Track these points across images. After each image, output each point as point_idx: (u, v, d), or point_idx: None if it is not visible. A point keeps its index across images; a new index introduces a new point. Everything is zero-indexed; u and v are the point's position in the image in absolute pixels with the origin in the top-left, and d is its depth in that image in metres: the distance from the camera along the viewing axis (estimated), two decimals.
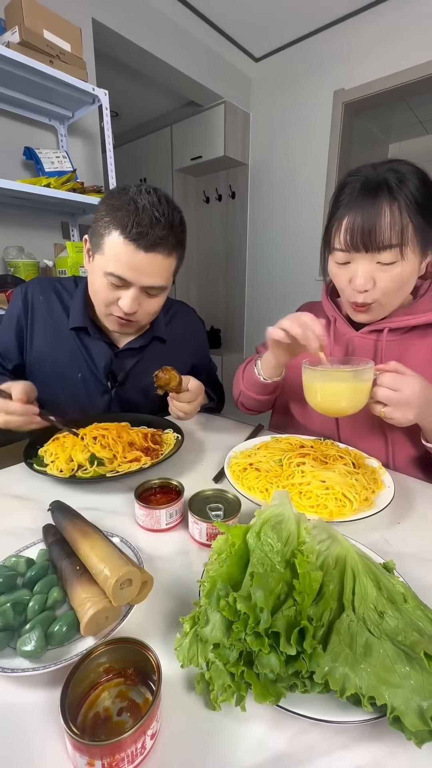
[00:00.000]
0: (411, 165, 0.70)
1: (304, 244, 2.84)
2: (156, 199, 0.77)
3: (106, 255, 0.77)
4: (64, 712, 0.28)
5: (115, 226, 0.75)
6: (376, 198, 0.66)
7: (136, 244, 0.74)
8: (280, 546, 0.38)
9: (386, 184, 0.66)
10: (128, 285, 0.79)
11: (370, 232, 0.66)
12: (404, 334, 0.80)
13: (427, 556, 0.53)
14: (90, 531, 0.47)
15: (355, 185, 0.69)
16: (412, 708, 0.29)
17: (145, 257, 0.76)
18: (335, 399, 0.67)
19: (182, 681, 0.36)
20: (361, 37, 2.36)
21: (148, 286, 0.80)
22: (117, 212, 0.75)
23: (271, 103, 2.89)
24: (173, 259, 0.82)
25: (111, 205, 0.76)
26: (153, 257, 0.77)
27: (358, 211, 0.67)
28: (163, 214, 0.76)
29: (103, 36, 2.05)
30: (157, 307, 0.88)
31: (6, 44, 1.44)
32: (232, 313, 3.52)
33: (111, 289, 0.80)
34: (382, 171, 0.68)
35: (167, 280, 0.83)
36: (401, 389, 0.63)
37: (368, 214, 0.66)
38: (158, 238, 0.75)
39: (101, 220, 0.77)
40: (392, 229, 0.66)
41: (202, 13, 2.33)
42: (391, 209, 0.66)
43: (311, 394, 0.70)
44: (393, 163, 0.70)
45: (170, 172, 3.32)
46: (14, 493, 0.67)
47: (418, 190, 0.66)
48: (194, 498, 0.57)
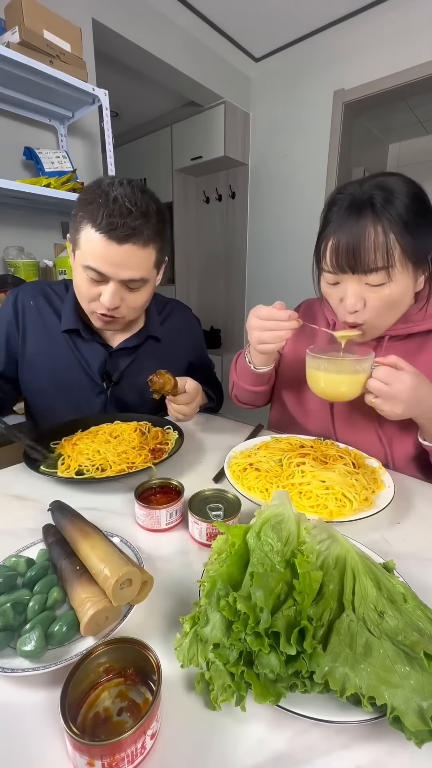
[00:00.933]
0: (402, 179, 0.68)
1: (303, 244, 2.83)
2: (129, 189, 0.75)
3: (82, 250, 0.76)
4: (64, 712, 0.28)
5: (87, 220, 0.74)
6: (360, 218, 0.65)
7: (108, 236, 0.73)
8: (280, 546, 0.38)
9: (371, 204, 0.65)
10: (107, 279, 0.78)
11: (354, 253, 0.65)
12: (403, 341, 0.80)
13: (427, 556, 0.53)
14: (90, 531, 0.47)
15: (342, 203, 0.68)
16: (412, 708, 0.29)
17: (118, 249, 0.74)
18: (336, 385, 0.70)
19: (182, 681, 0.36)
20: (361, 37, 2.35)
21: (127, 279, 0.78)
22: (89, 206, 0.74)
23: (271, 103, 2.89)
24: (151, 251, 0.79)
25: (84, 199, 0.75)
26: (127, 249, 0.74)
27: (343, 232, 0.66)
28: (135, 204, 0.74)
29: (103, 36, 2.05)
30: (141, 302, 0.86)
31: (6, 44, 1.44)
32: (232, 313, 3.52)
33: (91, 285, 0.79)
34: (368, 188, 0.67)
35: (147, 272, 0.81)
36: (392, 384, 0.64)
37: (352, 236, 0.65)
38: (130, 228, 0.73)
39: (76, 216, 0.77)
40: (377, 251, 0.64)
41: (202, 13, 2.33)
42: (375, 230, 0.64)
43: (314, 379, 0.74)
44: (382, 178, 0.67)
45: (170, 172, 3.32)
46: (14, 493, 0.67)
47: (405, 207, 0.64)
48: (194, 498, 0.57)
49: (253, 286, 3.33)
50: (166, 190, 3.42)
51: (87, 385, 0.95)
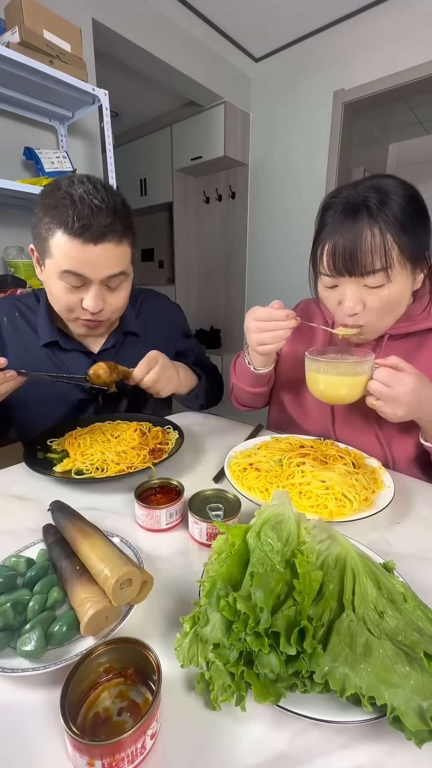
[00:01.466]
0: (396, 180, 0.68)
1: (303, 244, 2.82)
2: (92, 186, 0.72)
3: (55, 257, 0.73)
4: (64, 712, 0.28)
5: (56, 225, 0.71)
6: (356, 221, 0.65)
7: (83, 238, 0.70)
8: (280, 546, 0.38)
9: (366, 206, 0.65)
10: (87, 283, 0.75)
11: (351, 256, 0.65)
12: (403, 340, 0.80)
13: (427, 556, 0.53)
14: (90, 531, 0.47)
15: (338, 207, 0.68)
16: (412, 708, 0.29)
17: (95, 249, 0.72)
18: (336, 387, 0.69)
19: (182, 681, 0.36)
20: (361, 37, 2.36)
21: (108, 277, 0.76)
22: (54, 210, 0.71)
23: (271, 103, 2.89)
24: (125, 246, 0.77)
25: (46, 204, 0.72)
26: (103, 248, 0.72)
27: (339, 236, 0.66)
28: (102, 200, 0.71)
29: (103, 36, 2.05)
30: (123, 300, 0.84)
31: (6, 44, 1.44)
32: (232, 313, 3.52)
33: (71, 292, 0.76)
34: (362, 191, 0.66)
35: (126, 267, 0.79)
36: (393, 386, 0.63)
37: (349, 239, 0.65)
38: (103, 227, 0.71)
39: (41, 223, 0.73)
40: (374, 253, 0.64)
41: (202, 13, 2.33)
42: (371, 232, 0.64)
43: (313, 382, 0.73)
44: (375, 181, 0.67)
45: (170, 172, 3.33)
46: (14, 493, 0.67)
47: (401, 208, 0.64)
48: (194, 498, 0.57)
49: (253, 286, 3.33)
50: (166, 190, 3.42)
51: (76, 397, 0.92)
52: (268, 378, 0.93)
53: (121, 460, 0.72)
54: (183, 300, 3.63)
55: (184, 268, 3.63)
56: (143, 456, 0.73)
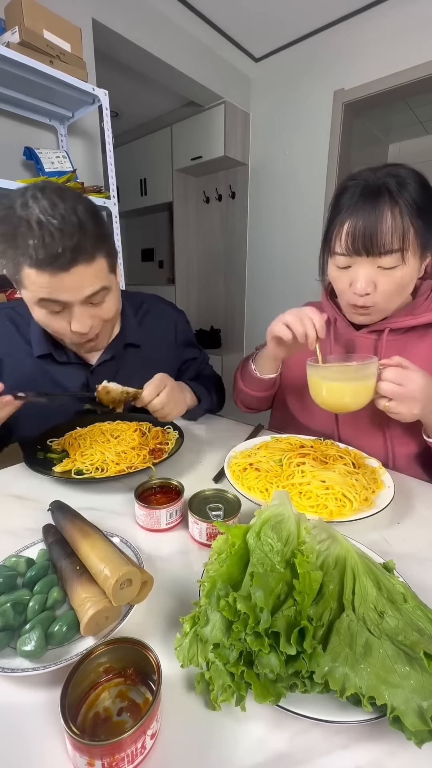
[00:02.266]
0: (409, 168, 0.70)
1: (304, 244, 2.84)
2: (47, 202, 0.63)
3: (29, 288, 0.68)
4: (64, 712, 0.28)
5: (22, 258, 0.64)
6: (378, 202, 0.66)
7: (52, 268, 0.64)
8: (280, 546, 0.38)
9: (387, 189, 0.66)
10: (68, 306, 0.70)
11: (371, 236, 0.66)
12: (404, 334, 0.80)
13: (427, 556, 0.53)
14: (90, 531, 0.47)
15: (356, 190, 0.69)
16: (412, 708, 0.29)
17: (67, 276, 0.66)
18: (340, 395, 0.68)
19: (182, 681, 0.36)
20: (361, 37, 2.35)
21: (89, 295, 0.70)
22: (13, 240, 0.64)
23: (271, 103, 2.89)
24: (100, 259, 0.70)
25: (3, 234, 0.65)
26: (76, 271, 0.66)
27: (360, 216, 0.67)
28: (63, 218, 0.63)
29: (103, 36, 2.05)
30: (112, 311, 0.79)
31: (6, 44, 1.44)
32: (232, 313, 3.52)
33: (55, 317, 0.72)
34: (381, 175, 0.68)
35: (106, 281, 0.73)
36: (405, 383, 0.63)
37: (370, 219, 0.66)
38: (71, 250, 0.64)
39: (4, 256, 0.67)
40: (394, 233, 0.66)
41: (202, 13, 2.33)
42: (392, 213, 0.65)
43: (316, 391, 0.71)
44: (391, 167, 0.70)
45: (170, 172, 3.32)
46: (14, 493, 0.67)
47: (417, 193, 0.67)
48: (194, 498, 0.57)
49: (253, 286, 3.33)
50: (166, 190, 3.42)
51: (73, 409, 0.89)
52: (273, 382, 0.93)
53: (121, 460, 0.72)
54: (183, 300, 3.63)
55: (184, 268, 3.63)
56: (143, 456, 0.73)
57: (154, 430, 0.83)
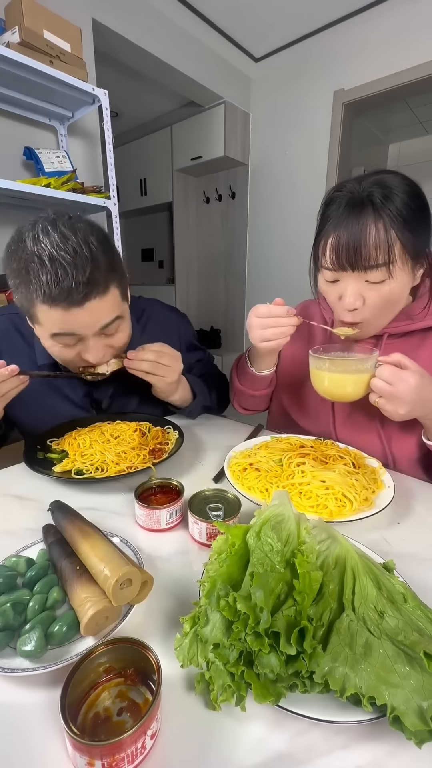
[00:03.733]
0: (399, 176, 0.68)
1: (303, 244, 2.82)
2: (58, 236, 0.63)
3: (43, 324, 0.69)
4: (64, 712, 0.28)
5: (35, 294, 0.64)
6: (361, 215, 0.65)
7: (66, 303, 0.65)
8: (280, 546, 0.38)
9: (371, 201, 0.65)
10: (82, 338, 0.71)
11: (355, 250, 0.65)
12: (403, 339, 0.80)
13: (427, 556, 0.53)
14: (90, 531, 0.47)
15: (341, 201, 0.68)
16: (412, 708, 0.29)
17: (81, 312, 0.66)
18: (342, 385, 0.69)
19: (182, 681, 0.36)
20: (361, 37, 2.35)
21: (102, 327, 0.72)
22: (26, 276, 0.64)
23: (271, 103, 2.89)
24: (113, 290, 0.71)
25: (16, 270, 0.66)
26: (90, 306, 0.67)
27: (344, 229, 0.66)
28: (75, 252, 0.63)
29: (103, 36, 2.05)
30: (125, 338, 0.80)
31: (6, 44, 1.44)
32: (232, 313, 3.52)
33: (68, 350, 0.73)
34: (367, 186, 0.66)
35: (120, 311, 0.74)
36: (395, 384, 0.63)
37: (353, 233, 0.65)
38: (84, 285, 0.64)
39: (17, 291, 0.68)
40: (378, 248, 0.64)
41: (202, 13, 2.33)
42: (376, 227, 0.64)
43: (318, 380, 0.73)
44: (380, 176, 0.67)
45: (170, 172, 3.32)
46: (14, 493, 0.67)
47: (404, 204, 0.64)
48: (194, 498, 0.57)
49: (253, 286, 3.33)
50: (166, 190, 3.42)
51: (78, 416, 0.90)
52: (270, 380, 0.93)
53: (120, 460, 0.72)
54: (183, 300, 3.63)
55: (184, 268, 3.63)
56: (143, 456, 0.73)
57: (154, 430, 0.83)
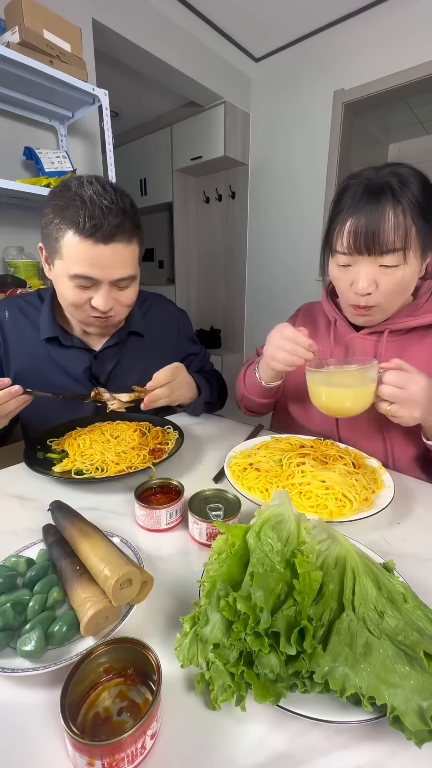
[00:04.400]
0: (411, 168, 0.70)
1: (304, 244, 2.84)
2: (100, 187, 0.73)
3: (65, 258, 0.74)
4: (64, 712, 0.28)
5: (67, 226, 0.72)
6: (380, 201, 0.66)
7: (94, 239, 0.71)
8: (280, 546, 0.38)
9: (389, 187, 0.66)
10: (97, 283, 0.76)
11: (374, 235, 0.66)
12: (404, 335, 0.80)
13: (427, 556, 0.53)
14: (90, 531, 0.47)
15: (358, 188, 0.69)
16: (412, 708, 0.29)
17: (106, 250, 0.73)
18: (340, 400, 0.68)
19: (182, 681, 0.36)
20: (361, 37, 2.36)
21: (117, 278, 0.77)
22: (65, 211, 0.72)
23: (271, 103, 2.89)
24: (134, 246, 0.79)
25: (56, 205, 0.73)
26: (114, 248, 0.74)
27: (362, 214, 0.67)
28: (112, 201, 0.73)
29: (103, 36, 2.05)
30: (133, 298, 0.85)
31: (6, 44, 1.44)
32: (232, 313, 3.52)
33: (80, 292, 0.77)
34: (384, 174, 0.69)
35: (134, 269, 0.81)
36: (407, 387, 0.62)
37: (372, 218, 0.66)
38: (114, 226, 0.72)
39: (51, 224, 0.74)
40: (396, 232, 0.66)
41: (202, 13, 2.33)
42: (395, 212, 0.66)
43: (316, 396, 0.72)
44: (393, 167, 0.70)
45: (170, 172, 3.32)
46: (14, 493, 0.67)
47: (420, 192, 0.67)
48: (194, 498, 0.57)
49: (252, 286, 3.33)
50: (166, 190, 3.42)
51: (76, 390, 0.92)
52: (277, 389, 0.92)
53: (121, 460, 0.72)
54: (183, 300, 3.63)
55: (184, 268, 3.63)
56: (143, 456, 0.73)
57: (154, 430, 0.83)
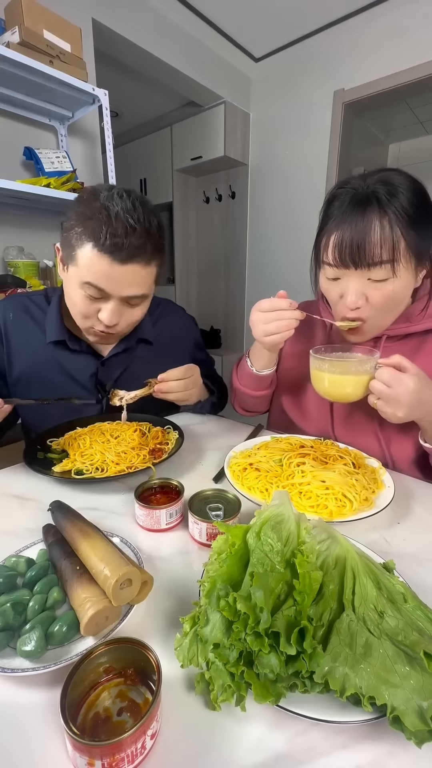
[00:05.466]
0: (404, 175, 0.67)
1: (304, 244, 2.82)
2: (130, 204, 0.71)
3: (80, 267, 0.73)
4: (64, 712, 0.28)
5: (87, 237, 0.70)
6: (366, 212, 0.64)
7: (112, 257, 0.70)
8: (280, 546, 0.38)
9: (376, 198, 0.64)
10: (107, 296, 0.75)
11: (359, 248, 0.64)
12: (401, 342, 0.80)
13: (427, 556, 0.53)
14: (90, 531, 0.47)
15: (345, 198, 0.67)
16: (412, 708, 0.29)
17: (121, 269, 0.72)
18: (340, 386, 0.69)
19: (182, 681, 0.36)
20: (361, 37, 2.35)
21: (128, 296, 0.76)
22: (88, 221, 0.70)
23: (271, 103, 2.89)
24: (153, 267, 0.78)
25: (81, 213, 0.71)
26: (131, 269, 0.72)
27: (347, 226, 0.65)
28: (138, 221, 0.70)
29: (103, 36, 2.05)
30: (139, 317, 0.84)
31: (6, 44, 1.44)
32: (232, 313, 3.52)
33: (89, 302, 0.76)
34: (371, 183, 0.66)
35: (148, 289, 0.79)
36: (394, 386, 0.62)
37: (357, 230, 0.64)
38: (135, 248, 0.71)
39: (72, 230, 0.72)
40: (383, 245, 0.64)
41: (202, 13, 2.33)
42: (381, 224, 0.63)
43: (318, 380, 0.73)
44: (384, 174, 0.67)
45: (170, 172, 3.32)
46: (14, 493, 0.67)
47: (409, 202, 0.64)
48: (194, 498, 0.57)
49: (253, 286, 3.33)
50: (166, 190, 3.42)
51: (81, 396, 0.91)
52: (270, 380, 0.92)
53: (121, 460, 0.72)
54: (183, 300, 3.63)
55: (184, 268, 3.63)
56: (143, 456, 0.73)
57: (154, 430, 0.83)
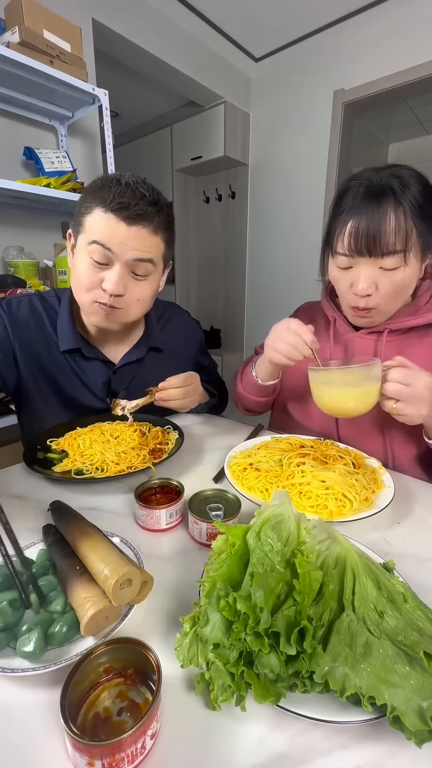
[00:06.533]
0: (411, 170, 0.70)
1: (304, 244, 2.84)
2: (141, 181, 0.75)
3: (87, 230, 0.73)
4: (64, 712, 0.28)
5: (97, 203, 0.72)
6: (381, 203, 0.66)
7: (118, 215, 0.71)
8: (280, 546, 0.38)
9: (390, 189, 0.66)
10: (112, 262, 0.74)
11: (374, 237, 0.66)
12: (403, 335, 0.80)
13: (427, 556, 0.53)
14: (90, 531, 0.47)
15: (359, 189, 0.69)
16: (412, 708, 0.29)
17: (127, 229, 0.72)
18: (343, 400, 0.67)
19: (182, 681, 0.36)
20: (361, 37, 2.35)
21: (135, 260, 0.74)
22: (98, 192, 0.72)
23: (271, 103, 2.89)
24: (159, 240, 0.77)
25: (92, 186, 0.74)
26: (136, 230, 0.72)
27: (363, 216, 0.67)
28: (147, 191, 0.73)
29: (103, 36, 2.05)
30: (146, 295, 0.81)
31: (6, 44, 1.44)
32: (232, 313, 3.52)
33: (94, 270, 0.74)
34: (384, 175, 0.69)
35: (155, 255, 0.77)
36: (413, 383, 0.62)
37: (373, 219, 0.66)
38: (141, 210, 0.71)
39: (82, 203, 0.75)
40: (397, 234, 0.66)
41: (202, 13, 2.33)
42: (396, 214, 0.65)
43: (318, 396, 0.71)
44: (394, 168, 0.70)
45: (170, 172, 3.32)
46: (14, 493, 0.67)
47: (420, 194, 0.67)
48: (194, 498, 0.57)
49: (253, 286, 3.33)
50: (166, 190, 3.40)
51: (92, 405, 0.91)
52: (273, 388, 0.93)
53: (120, 460, 0.72)
54: (183, 300, 3.63)
55: (184, 268, 3.63)
56: (143, 456, 0.73)
57: (154, 430, 0.83)
